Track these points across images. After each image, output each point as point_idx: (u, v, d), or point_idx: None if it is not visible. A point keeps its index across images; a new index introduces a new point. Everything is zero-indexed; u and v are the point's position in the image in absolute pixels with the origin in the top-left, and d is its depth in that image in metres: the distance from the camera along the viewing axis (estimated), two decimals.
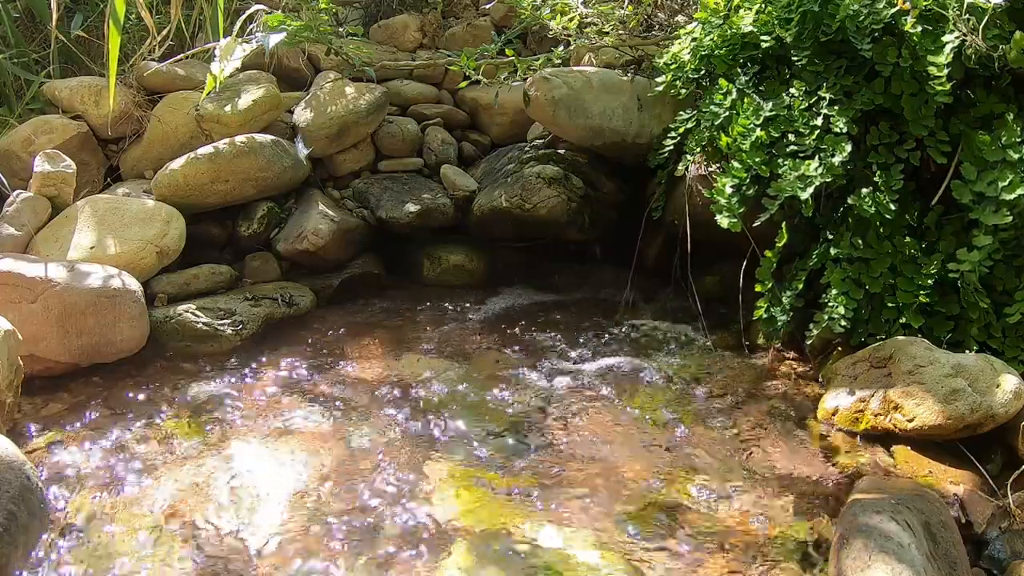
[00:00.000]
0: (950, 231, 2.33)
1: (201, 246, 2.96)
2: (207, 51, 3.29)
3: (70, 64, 3.51)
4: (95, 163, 3.21)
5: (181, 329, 2.59)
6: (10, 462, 1.73)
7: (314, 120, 3.19)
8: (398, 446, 2.13)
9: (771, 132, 2.45)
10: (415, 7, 4.09)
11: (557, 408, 2.32)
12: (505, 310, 3.01)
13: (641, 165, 3.03)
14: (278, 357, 2.60)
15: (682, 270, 2.80)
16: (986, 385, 2.00)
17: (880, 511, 1.63)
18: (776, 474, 2.02)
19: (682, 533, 1.81)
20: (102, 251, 2.61)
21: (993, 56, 2.20)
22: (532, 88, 3.00)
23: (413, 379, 2.47)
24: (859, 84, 2.40)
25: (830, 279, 2.37)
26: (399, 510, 1.87)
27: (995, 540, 1.77)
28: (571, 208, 3.02)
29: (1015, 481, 1.88)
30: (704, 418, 2.27)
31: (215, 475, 2.00)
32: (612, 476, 2.01)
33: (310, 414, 2.27)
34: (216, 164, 2.88)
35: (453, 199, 3.21)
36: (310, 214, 3.04)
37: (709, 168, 2.66)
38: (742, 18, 2.64)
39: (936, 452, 2.05)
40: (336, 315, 2.91)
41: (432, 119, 3.54)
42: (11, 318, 2.17)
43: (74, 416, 2.24)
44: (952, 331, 2.28)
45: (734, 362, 2.59)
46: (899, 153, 2.36)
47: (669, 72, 2.89)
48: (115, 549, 1.75)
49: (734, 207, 2.46)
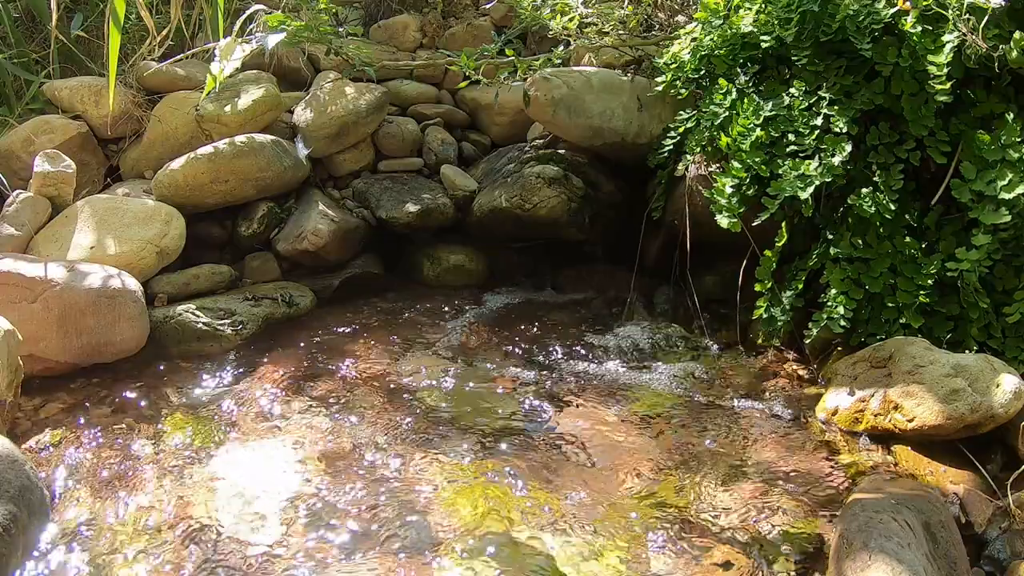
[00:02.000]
0: (950, 231, 2.33)
1: (201, 246, 2.96)
2: (207, 51, 3.29)
3: (70, 64, 3.50)
4: (95, 163, 3.21)
5: (181, 329, 2.59)
6: (10, 462, 1.73)
7: (314, 120, 3.19)
8: (398, 446, 2.12)
9: (771, 132, 2.46)
10: (415, 7, 4.09)
11: (557, 408, 2.32)
12: (505, 310, 3.01)
13: (641, 165, 3.03)
14: (278, 357, 2.60)
15: (682, 270, 2.80)
16: (986, 385, 2.00)
17: (880, 511, 1.63)
18: (776, 474, 2.02)
19: (682, 533, 1.81)
20: (102, 251, 2.61)
21: (993, 56, 2.20)
22: (532, 88, 3.00)
23: (413, 379, 2.47)
24: (859, 84, 2.40)
25: (830, 279, 2.37)
26: (399, 510, 1.87)
27: (995, 540, 1.77)
28: (571, 208, 3.02)
29: (1015, 481, 1.88)
30: (704, 418, 2.27)
31: (215, 475, 1.99)
32: (612, 475, 2.01)
33: (310, 414, 2.27)
34: (216, 164, 2.88)
35: (453, 199, 3.21)
36: (310, 214, 3.04)
37: (709, 168, 2.66)
38: (742, 18, 2.64)
39: (936, 452, 2.05)
40: (336, 315, 2.91)
41: (432, 119, 3.54)
42: (11, 318, 2.17)
43: (74, 416, 2.24)
44: (952, 331, 2.28)
45: (734, 362, 2.59)
46: (899, 153, 2.36)
47: (669, 72, 2.89)
48: (115, 549, 1.75)
49: (734, 207, 2.46)
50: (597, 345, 2.72)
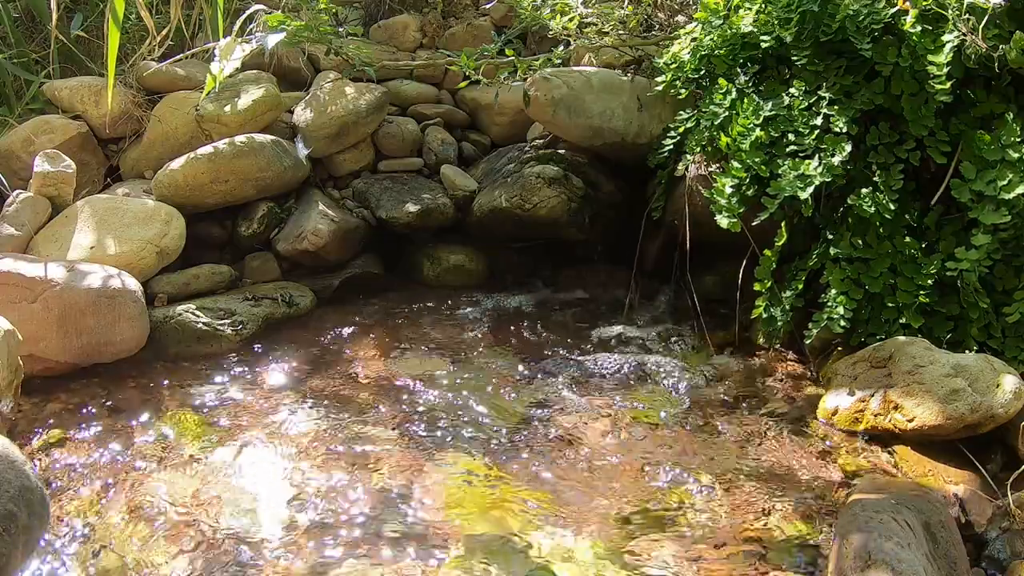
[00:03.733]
0: (950, 231, 2.33)
1: (201, 246, 2.96)
2: (207, 51, 3.29)
3: (70, 64, 3.50)
4: (95, 163, 3.21)
5: (181, 329, 2.59)
6: (10, 462, 1.73)
7: (314, 120, 3.19)
8: (398, 446, 2.12)
9: (771, 132, 2.46)
10: (415, 7, 4.09)
11: (557, 407, 2.32)
12: (505, 310, 3.01)
13: (641, 165, 3.03)
14: (278, 357, 2.60)
15: (682, 270, 2.80)
16: (986, 385, 2.00)
17: (880, 511, 1.63)
18: (776, 474, 2.02)
19: (681, 533, 1.81)
20: (102, 251, 2.61)
21: (993, 56, 2.20)
22: (532, 88, 3.00)
23: (413, 379, 2.47)
24: (859, 84, 2.40)
25: (830, 279, 2.37)
26: (399, 510, 1.87)
27: (995, 540, 1.77)
28: (571, 208, 3.02)
29: (1015, 481, 1.88)
30: (703, 418, 2.27)
31: (215, 475, 1.99)
32: (611, 475, 2.01)
33: (310, 414, 2.27)
34: (216, 164, 2.88)
35: (453, 199, 3.20)
36: (310, 214, 3.04)
37: (709, 168, 2.66)
38: (742, 18, 2.64)
39: (936, 452, 2.05)
40: (336, 315, 2.91)
41: (432, 119, 3.54)
42: (11, 318, 2.17)
43: (74, 416, 2.24)
44: (952, 331, 2.28)
45: (734, 362, 2.59)
46: (899, 153, 2.36)
47: (669, 72, 2.89)
48: (115, 549, 1.75)
49: (734, 207, 2.46)
50: (597, 345, 2.72)
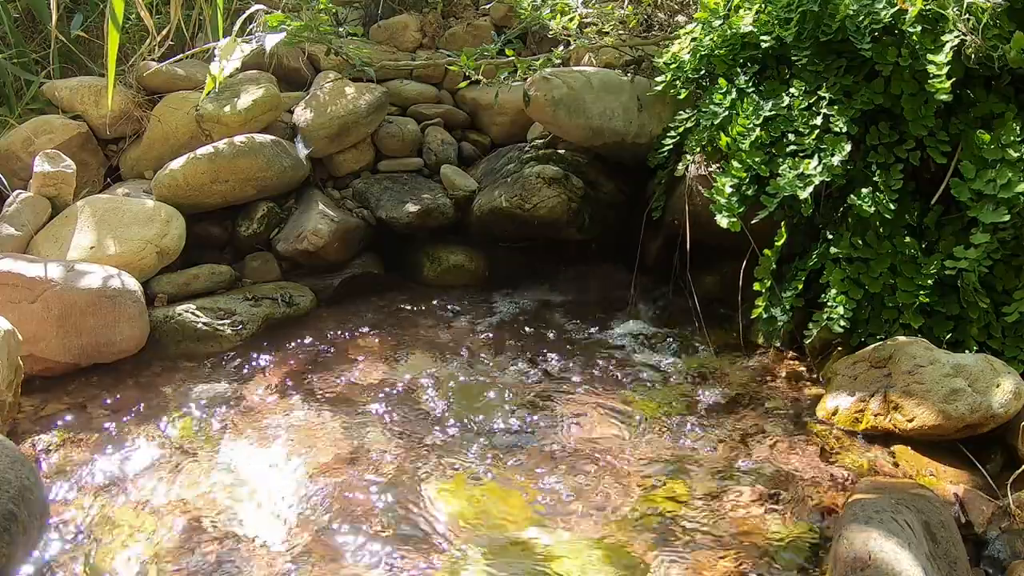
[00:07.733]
0: (950, 231, 2.33)
1: (201, 246, 2.96)
2: (207, 51, 3.29)
3: (70, 64, 3.50)
4: (95, 163, 3.21)
5: (181, 329, 2.60)
6: (10, 462, 1.73)
7: (314, 120, 3.19)
8: (398, 445, 2.13)
9: (771, 132, 2.46)
10: (415, 7, 4.08)
11: (557, 407, 2.32)
12: (505, 310, 3.01)
13: (641, 165, 3.03)
14: (278, 357, 2.60)
15: (682, 270, 2.80)
16: (986, 385, 2.00)
17: (880, 511, 1.63)
18: (775, 474, 2.02)
19: (681, 533, 1.81)
20: (102, 251, 2.61)
21: (993, 56, 2.20)
22: (532, 88, 3.00)
23: (413, 379, 2.47)
24: (859, 84, 2.40)
25: (830, 279, 2.37)
26: (399, 509, 1.87)
27: (995, 540, 1.77)
28: (571, 208, 3.02)
29: (1015, 481, 1.88)
30: (703, 418, 2.27)
31: (215, 475, 2.00)
32: (611, 475, 2.01)
33: (310, 414, 2.27)
34: (216, 164, 2.88)
35: (453, 199, 3.21)
36: (310, 214, 3.04)
37: (709, 168, 2.66)
38: (742, 18, 2.64)
39: (936, 452, 2.05)
40: (336, 315, 2.91)
41: (432, 119, 3.54)
42: (11, 318, 2.17)
43: (74, 416, 2.24)
44: (952, 331, 2.28)
45: (734, 362, 2.59)
46: (899, 153, 2.36)
47: (669, 72, 2.89)
48: (115, 549, 1.75)
49: (734, 207, 2.46)
50: (597, 344, 2.72)
